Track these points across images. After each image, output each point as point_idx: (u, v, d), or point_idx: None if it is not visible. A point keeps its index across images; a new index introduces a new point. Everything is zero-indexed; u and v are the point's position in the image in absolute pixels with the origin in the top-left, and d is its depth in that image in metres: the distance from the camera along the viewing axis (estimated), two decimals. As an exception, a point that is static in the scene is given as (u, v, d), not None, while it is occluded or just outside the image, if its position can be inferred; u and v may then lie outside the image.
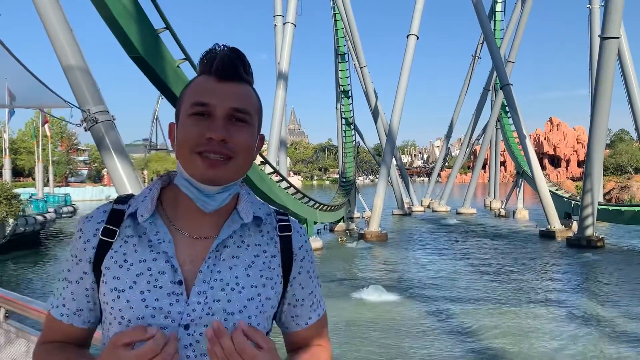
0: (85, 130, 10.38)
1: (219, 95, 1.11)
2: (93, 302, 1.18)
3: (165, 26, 13.82)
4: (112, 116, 10.59)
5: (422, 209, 51.81)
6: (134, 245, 1.15)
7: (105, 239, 1.15)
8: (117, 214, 1.18)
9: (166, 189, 1.23)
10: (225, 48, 1.14)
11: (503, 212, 46.05)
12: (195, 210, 1.16)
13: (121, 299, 1.10)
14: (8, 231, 25.84)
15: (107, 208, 1.20)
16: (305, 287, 1.27)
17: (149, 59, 13.17)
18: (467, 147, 55.31)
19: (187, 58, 15.02)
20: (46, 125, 43.97)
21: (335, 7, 44.82)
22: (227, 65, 1.12)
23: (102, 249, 1.15)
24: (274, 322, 1.30)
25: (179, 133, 1.13)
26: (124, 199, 1.22)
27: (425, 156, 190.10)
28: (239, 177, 1.17)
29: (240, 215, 1.20)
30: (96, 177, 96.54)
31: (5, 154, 39.52)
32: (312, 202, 28.63)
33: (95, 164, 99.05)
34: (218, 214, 1.18)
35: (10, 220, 25.84)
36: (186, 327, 1.10)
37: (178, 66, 14.73)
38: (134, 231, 1.16)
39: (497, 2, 49.61)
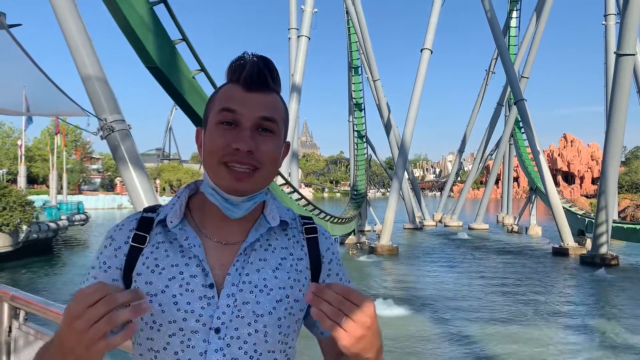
0: (102, 139, 10.47)
1: (246, 105, 1.13)
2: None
3: (181, 37, 14.00)
4: (128, 125, 10.70)
5: (434, 223, 51.53)
6: (166, 251, 1.16)
7: (136, 244, 1.17)
8: (146, 222, 1.20)
9: (194, 197, 1.25)
10: (255, 57, 1.15)
11: (516, 228, 45.66)
12: (222, 216, 1.18)
13: (153, 303, 1.11)
14: (21, 237, 26.08)
15: (137, 216, 1.22)
16: None
17: (165, 70, 13.32)
18: (479, 162, 55.05)
19: (203, 69, 15.19)
20: (58, 135, 44.40)
21: (349, 20, 45.15)
22: (256, 76, 1.13)
23: (133, 256, 1.16)
24: (309, 329, 1.29)
25: (207, 142, 1.15)
26: (152, 208, 1.24)
27: (437, 170, 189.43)
28: (264, 186, 1.18)
29: (267, 219, 1.21)
30: (109, 186, 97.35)
31: (21, 161, 40.03)
32: (323, 215, 28.62)
33: (109, 173, 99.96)
34: (245, 220, 1.20)
35: (24, 227, 26.08)
36: (217, 330, 1.10)
37: (193, 77, 14.89)
38: (164, 237, 1.18)
39: (511, 17, 49.63)
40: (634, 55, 23.84)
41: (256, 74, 1.13)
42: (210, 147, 1.13)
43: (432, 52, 36.57)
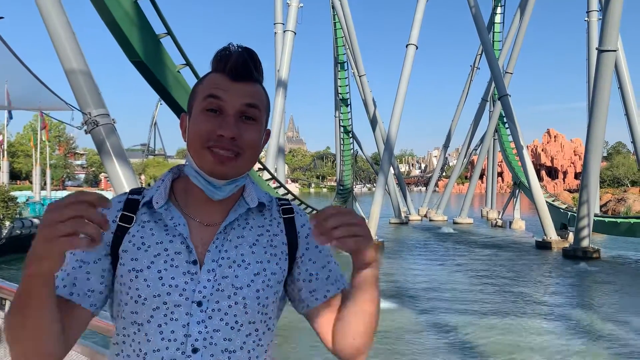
0: (86, 133, 10.43)
1: (231, 94, 1.19)
2: (105, 284, 1.22)
3: (166, 32, 13.94)
4: (113, 119, 10.66)
5: (419, 218, 51.81)
6: (151, 229, 1.23)
7: (123, 224, 1.23)
8: (132, 203, 1.26)
9: (177, 180, 1.31)
10: (240, 48, 1.21)
11: (500, 222, 46.10)
12: (204, 198, 1.24)
13: (139, 278, 1.17)
14: (4, 233, 25.79)
15: (123, 198, 1.28)
16: (316, 262, 1.32)
17: (150, 64, 13.27)
18: (464, 157, 55.42)
19: (188, 64, 15.14)
20: (42, 130, 43.84)
21: (336, 15, 45.15)
22: (241, 67, 1.20)
23: (120, 234, 1.22)
24: (296, 307, 1.35)
25: (192, 127, 1.22)
26: (137, 190, 1.30)
27: (422, 165, 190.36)
28: (245, 171, 1.25)
29: (246, 200, 1.28)
30: (93, 181, 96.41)
31: (3, 157, 39.52)
32: (309, 209, 28.67)
33: (93, 168, 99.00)
34: (225, 202, 1.26)
35: (7, 223, 25.80)
36: (199, 304, 1.16)
37: (178, 71, 14.85)
38: (150, 217, 1.24)
39: (496, 13, 49.94)
40: (615, 51, 24.15)
41: (241, 65, 1.19)
42: (195, 132, 1.19)
43: (417, 48, 36.69)
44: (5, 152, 40.00)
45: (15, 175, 72.69)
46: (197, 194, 1.25)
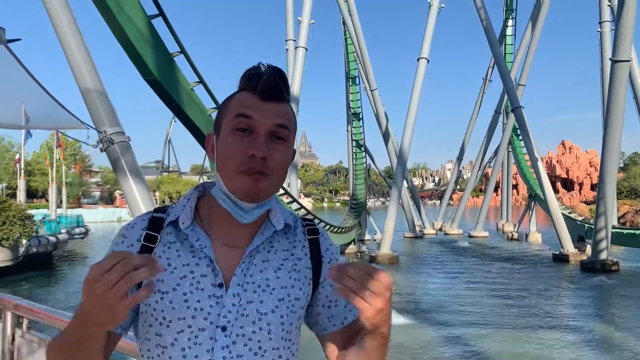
0: (101, 152, 10.53)
1: (262, 113, 1.17)
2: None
3: (179, 50, 14.12)
4: (128, 137, 10.76)
5: (434, 231, 51.46)
6: (177, 250, 1.21)
7: (147, 244, 1.21)
8: (157, 222, 1.24)
9: (201, 199, 1.29)
10: (269, 68, 1.20)
11: (515, 235, 45.63)
12: (229, 220, 1.22)
13: (164, 300, 1.15)
14: (21, 252, 26.04)
15: (148, 216, 1.26)
16: None
17: (164, 82, 13.44)
18: (478, 170, 55.13)
19: (201, 81, 15.31)
20: (58, 148, 44.42)
21: (346, 31, 45.45)
22: (271, 87, 1.18)
23: (144, 254, 1.19)
24: (311, 328, 1.33)
25: (221, 148, 1.19)
26: (162, 209, 1.29)
27: (436, 179, 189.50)
28: (274, 192, 1.23)
29: (272, 222, 1.26)
30: (108, 199, 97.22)
31: (20, 176, 40.06)
32: (322, 224, 28.63)
33: (108, 186, 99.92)
34: (252, 224, 1.24)
35: (24, 241, 26.05)
36: (223, 328, 1.14)
37: (192, 89, 15.01)
38: (175, 237, 1.23)
39: (507, 25, 49.95)
40: (628, 61, 24.01)
41: (272, 85, 1.18)
42: (226, 154, 1.17)
43: (428, 61, 36.77)
44: (22, 171, 40.49)
45: (31, 194, 73.67)
46: (223, 215, 1.22)
